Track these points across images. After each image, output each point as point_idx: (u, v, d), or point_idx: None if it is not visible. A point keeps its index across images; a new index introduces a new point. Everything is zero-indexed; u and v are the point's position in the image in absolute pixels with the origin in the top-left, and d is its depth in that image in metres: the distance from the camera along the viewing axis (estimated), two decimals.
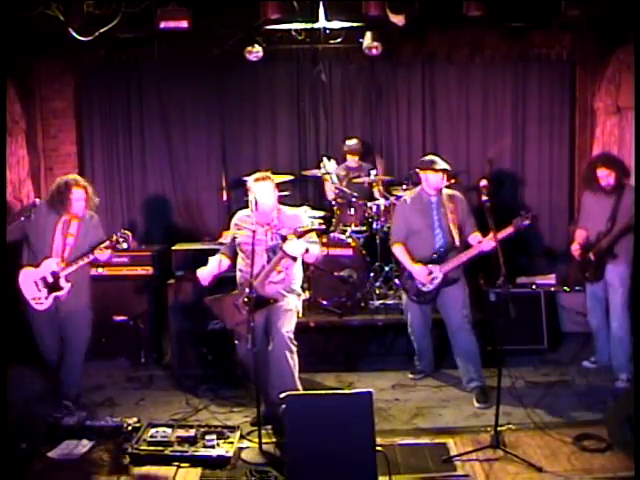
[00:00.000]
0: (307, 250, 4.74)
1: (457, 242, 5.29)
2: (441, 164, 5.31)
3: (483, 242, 5.12)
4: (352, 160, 7.17)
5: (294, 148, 7.59)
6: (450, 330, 5.40)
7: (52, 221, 5.12)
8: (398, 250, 5.43)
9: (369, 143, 7.48)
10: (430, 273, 5.25)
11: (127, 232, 5.05)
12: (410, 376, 5.77)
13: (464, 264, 5.31)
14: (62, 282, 5.04)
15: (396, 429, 4.85)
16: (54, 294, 5.06)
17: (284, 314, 4.83)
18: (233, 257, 5.01)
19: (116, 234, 5.02)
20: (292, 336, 4.81)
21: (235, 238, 4.95)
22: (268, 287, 4.80)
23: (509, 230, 5.03)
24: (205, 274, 4.90)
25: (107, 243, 5.01)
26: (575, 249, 5.59)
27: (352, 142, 7.17)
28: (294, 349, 4.80)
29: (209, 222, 7.54)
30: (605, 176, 5.39)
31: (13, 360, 5.06)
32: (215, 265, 4.95)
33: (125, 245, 5.03)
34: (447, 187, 5.45)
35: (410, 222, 5.37)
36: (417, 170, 5.52)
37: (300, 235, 4.65)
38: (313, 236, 4.92)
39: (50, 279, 5.03)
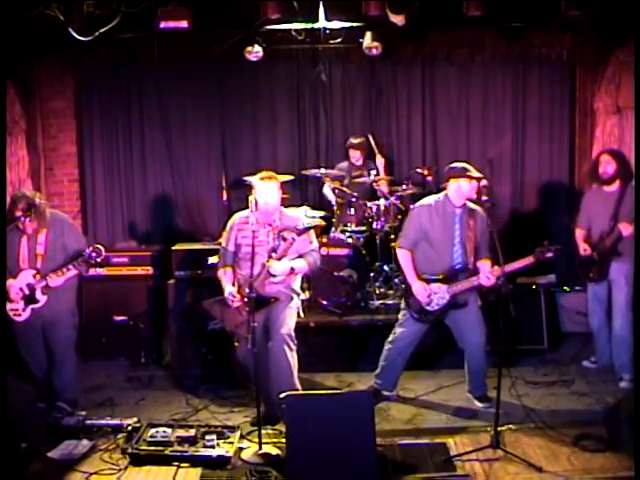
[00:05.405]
0: (292, 269, 4.75)
1: (471, 263, 4.91)
2: (475, 172, 4.86)
3: (481, 277, 4.79)
4: (354, 157, 7.08)
5: (294, 148, 7.59)
6: (467, 348, 5.08)
7: (16, 233, 4.92)
8: (403, 257, 5.02)
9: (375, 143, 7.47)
10: (432, 294, 4.90)
11: (100, 247, 4.86)
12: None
13: (474, 288, 4.93)
14: (38, 294, 4.90)
15: (396, 429, 4.85)
16: (31, 306, 4.92)
17: (284, 312, 4.84)
18: (235, 264, 4.97)
19: (88, 248, 4.84)
20: (292, 334, 4.82)
21: (237, 242, 4.91)
22: (269, 287, 4.80)
23: (529, 260, 4.74)
24: (234, 293, 4.79)
25: (80, 258, 4.83)
26: (585, 248, 5.56)
27: (357, 140, 7.11)
28: (294, 347, 4.81)
29: (209, 222, 7.53)
30: (606, 163, 5.42)
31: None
32: (231, 279, 4.89)
33: (99, 260, 4.87)
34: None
35: (428, 231, 4.92)
36: (447, 178, 4.91)
37: (300, 233, 4.64)
38: (314, 243, 4.93)
39: (26, 291, 4.90)
